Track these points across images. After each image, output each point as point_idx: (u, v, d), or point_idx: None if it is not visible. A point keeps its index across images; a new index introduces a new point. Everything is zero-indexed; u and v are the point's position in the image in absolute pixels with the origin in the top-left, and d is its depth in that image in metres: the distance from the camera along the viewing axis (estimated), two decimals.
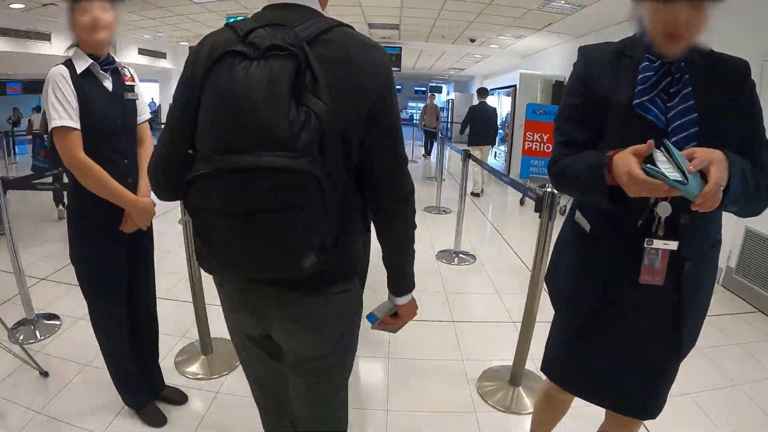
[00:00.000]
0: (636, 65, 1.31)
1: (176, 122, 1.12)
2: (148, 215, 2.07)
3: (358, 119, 1.08)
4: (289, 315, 1.22)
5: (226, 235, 1.02)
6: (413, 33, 10.82)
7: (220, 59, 1.02)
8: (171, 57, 13.24)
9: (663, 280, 1.32)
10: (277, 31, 1.03)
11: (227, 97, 0.99)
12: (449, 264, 4.94)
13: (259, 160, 0.95)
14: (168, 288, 3.84)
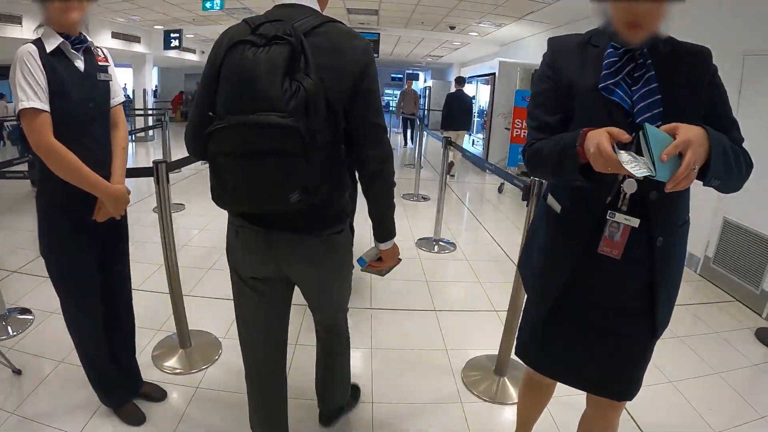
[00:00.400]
0: (601, 53, 1.37)
1: (205, 96, 1.45)
2: (123, 203, 1.97)
3: (342, 92, 1.42)
4: (296, 253, 1.58)
5: (234, 173, 1.35)
6: (392, 19, 10.71)
7: (234, 45, 1.35)
8: (145, 41, 12.82)
9: (620, 254, 1.35)
10: (281, 25, 1.35)
11: (237, 73, 1.33)
12: (429, 252, 4.92)
13: (258, 118, 1.28)
14: (143, 279, 3.74)
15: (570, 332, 1.53)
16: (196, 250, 4.52)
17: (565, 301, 1.51)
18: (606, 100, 1.33)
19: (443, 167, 4.96)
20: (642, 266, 1.39)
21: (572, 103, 1.40)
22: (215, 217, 5.51)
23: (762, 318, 3.84)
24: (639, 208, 1.32)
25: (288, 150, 1.30)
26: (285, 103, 1.28)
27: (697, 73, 1.34)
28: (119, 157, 2.00)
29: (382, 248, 1.72)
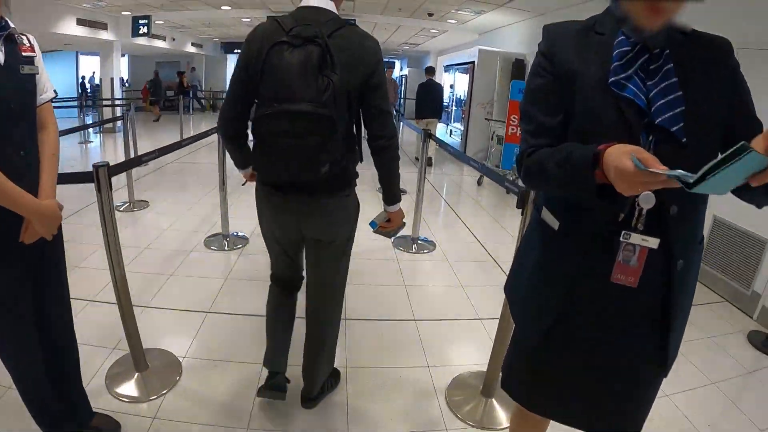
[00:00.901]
0: (607, 42, 1.19)
1: (242, 86, 1.81)
2: (54, 220, 1.64)
3: (357, 85, 1.76)
4: (315, 211, 1.91)
5: (278, 150, 1.67)
6: (369, 5, 10.43)
7: (275, 45, 1.65)
8: (113, 28, 12.29)
9: (637, 282, 1.17)
10: (310, 28, 1.66)
11: (280, 70, 1.63)
12: (407, 252, 4.66)
13: (299, 107, 1.60)
14: (98, 289, 3.39)
15: (565, 367, 1.35)
16: (159, 253, 4.20)
17: (559, 332, 1.32)
18: (616, 97, 1.13)
19: (422, 162, 4.72)
20: (655, 293, 1.22)
21: (573, 98, 1.20)
22: (181, 216, 5.22)
23: (753, 320, 3.74)
24: (656, 226, 1.13)
25: (321, 132, 1.65)
26: (320, 96, 1.62)
27: (717, 68, 1.17)
28: (48, 167, 1.67)
29: (390, 210, 2.14)
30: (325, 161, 1.69)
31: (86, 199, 4.97)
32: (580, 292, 1.26)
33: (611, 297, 1.22)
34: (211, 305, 3.29)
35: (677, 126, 1.09)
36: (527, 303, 1.43)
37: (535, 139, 1.25)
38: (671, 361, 1.30)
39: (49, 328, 1.83)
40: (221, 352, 2.78)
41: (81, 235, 4.37)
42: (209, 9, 11.43)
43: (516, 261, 1.56)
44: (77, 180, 2.28)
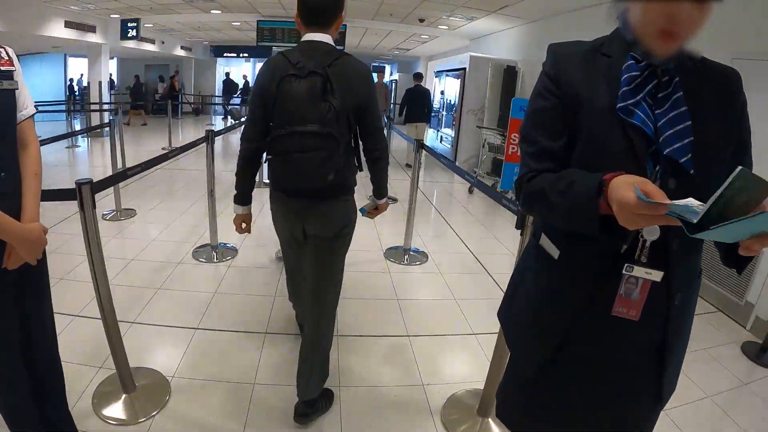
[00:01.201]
0: (614, 65, 1.14)
1: (261, 111, 2.08)
2: (38, 245, 1.55)
3: (353, 107, 2.04)
4: (318, 211, 2.17)
5: (292, 163, 1.95)
6: (360, 11, 10.37)
7: (284, 78, 1.95)
8: (101, 30, 12.10)
9: (639, 315, 1.14)
10: (311, 59, 1.97)
11: (290, 97, 1.94)
12: (399, 264, 4.59)
13: (306, 127, 1.91)
14: (81, 304, 3.27)
15: (561, 398, 1.30)
16: (146, 265, 4.10)
17: (556, 364, 1.28)
18: (623, 124, 1.09)
19: (415, 173, 4.66)
20: (653, 325, 1.18)
21: (578, 123, 1.15)
22: (169, 225, 5.13)
23: (746, 330, 3.75)
24: (658, 259, 1.10)
25: (327, 148, 1.94)
26: (324, 118, 1.92)
27: (726, 100, 1.14)
28: (31, 188, 1.58)
29: (380, 203, 2.61)
30: (329, 170, 1.98)
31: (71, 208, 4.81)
32: (579, 324, 1.22)
33: (610, 330, 1.19)
34: (200, 321, 3.21)
35: (686, 157, 1.05)
36: (524, 332, 1.38)
37: (536, 163, 1.20)
38: (667, 392, 1.27)
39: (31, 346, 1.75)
40: (211, 371, 2.70)
41: (66, 246, 4.28)
42: (199, 13, 11.32)
43: (511, 287, 1.50)
44: (60, 197, 2.20)
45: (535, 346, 1.32)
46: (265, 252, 4.58)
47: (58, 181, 6.31)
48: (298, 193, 2.13)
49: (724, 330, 3.70)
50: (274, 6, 10.51)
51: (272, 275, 4.03)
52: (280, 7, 10.55)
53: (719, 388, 2.94)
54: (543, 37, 8.82)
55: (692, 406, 2.71)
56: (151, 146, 10.40)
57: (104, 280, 2.27)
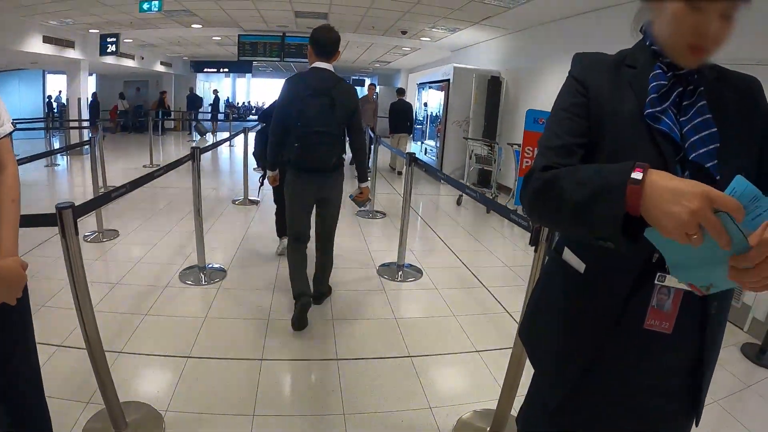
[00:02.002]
0: (640, 75, 1.13)
1: (285, 117, 3.18)
2: (17, 284, 1.35)
3: (346, 117, 3.26)
4: (329, 182, 3.36)
5: (311, 152, 3.16)
6: (342, 23, 10.31)
7: (306, 96, 3.10)
8: (80, 46, 11.91)
9: (671, 327, 1.09)
10: (321, 82, 3.14)
11: (309, 110, 3.10)
12: (393, 281, 4.48)
13: (323, 129, 3.13)
14: (65, 332, 3.08)
15: (590, 418, 1.23)
16: (131, 289, 3.90)
17: (584, 382, 1.20)
18: (651, 130, 1.07)
19: (408, 187, 4.55)
20: (688, 338, 1.12)
21: (602, 133, 1.12)
22: (153, 247, 4.94)
23: (744, 332, 3.79)
24: None
25: (332, 143, 3.19)
26: (330, 123, 3.12)
27: (749, 107, 1.13)
28: (7, 217, 1.41)
29: (362, 186, 3.61)
30: (334, 157, 3.30)
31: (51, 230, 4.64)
32: (610, 342, 1.15)
33: (643, 349, 1.13)
34: (191, 348, 3.03)
35: (712, 162, 1.03)
36: (550, 353, 1.29)
37: (555, 157, 1.10)
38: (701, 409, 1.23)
39: (15, 403, 1.59)
40: (206, 403, 2.52)
41: (47, 270, 4.08)
42: (180, 27, 11.19)
43: (532, 304, 1.43)
44: (38, 223, 2.04)
45: (563, 367, 1.25)
46: (255, 273, 4.43)
47: (37, 202, 6.10)
48: (316, 170, 3.30)
49: None
50: (255, 20, 10.43)
51: (264, 297, 3.88)
52: (262, 21, 10.47)
53: (723, 392, 2.93)
54: (526, 47, 8.84)
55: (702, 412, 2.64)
56: (131, 164, 10.17)
57: (89, 309, 2.11)
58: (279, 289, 4.05)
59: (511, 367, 2.33)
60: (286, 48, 12.02)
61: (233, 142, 13.51)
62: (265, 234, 5.72)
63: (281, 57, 12.15)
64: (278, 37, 11.89)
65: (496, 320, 3.77)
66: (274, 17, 10.15)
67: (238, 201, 7.26)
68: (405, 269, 4.69)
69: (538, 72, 8.30)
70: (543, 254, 2.07)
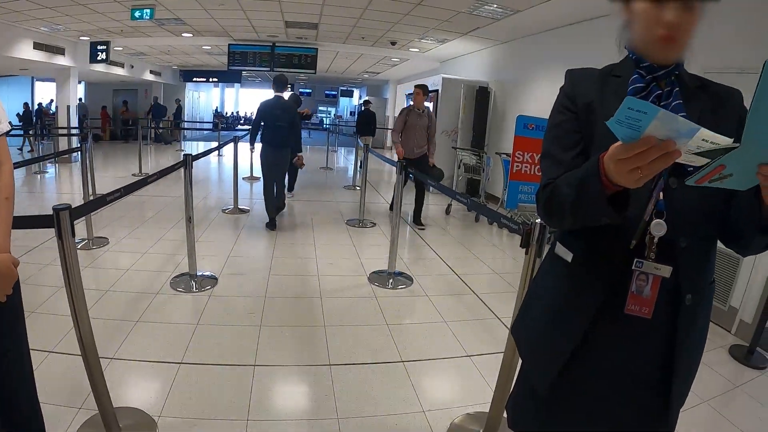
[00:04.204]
0: (624, 83, 1.24)
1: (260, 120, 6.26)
2: (8, 279, 1.39)
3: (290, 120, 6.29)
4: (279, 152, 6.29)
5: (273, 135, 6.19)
6: (332, 34, 10.39)
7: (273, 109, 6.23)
8: (70, 53, 11.83)
9: (651, 312, 1.15)
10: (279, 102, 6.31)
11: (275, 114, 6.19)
12: (384, 288, 4.50)
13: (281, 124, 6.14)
14: (57, 338, 3.08)
15: (576, 405, 1.29)
16: (123, 296, 3.89)
17: (570, 368, 1.27)
18: None
19: (398, 196, 4.58)
20: (664, 328, 1.19)
21: (592, 133, 1.23)
22: (144, 254, 4.93)
23: (732, 334, 3.87)
24: (667, 259, 1.14)
25: (287, 131, 6.18)
26: (286, 121, 6.15)
27: (724, 113, 1.20)
28: (1, 215, 1.44)
29: (299, 155, 6.83)
30: (286, 139, 6.19)
31: (39, 236, 4.68)
32: (594, 328, 1.22)
33: (621, 331, 1.20)
34: (183, 355, 3.02)
35: None
36: (538, 344, 1.38)
37: (553, 172, 1.25)
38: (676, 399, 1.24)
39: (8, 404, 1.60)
40: (200, 409, 2.52)
41: (39, 276, 4.08)
42: (170, 36, 11.19)
43: (525, 301, 1.51)
44: (35, 224, 2.04)
45: (549, 356, 1.31)
46: (245, 280, 4.43)
47: (27, 209, 6.06)
48: (274, 145, 6.07)
49: (710, 335, 3.66)
50: (246, 30, 10.45)
51: (256, 304, 3.88)
52: (252, 30, 10.49)
53: (713, 392, 2.99)
54: (514, 57, 8.93)
55: (690, 412, 2.66)
56: (120, 172, 10.11)
57: (84, 312, 2.12)
58: (270, 296, 4.06)
59: (502, 370, 2.35)
60: (276, 58, 12.06)
61: (222, 152, 13.49)
62: (255, 242, 5.75)
63: (271, 67, 12.18)
64: (268, 47, 11.93)
65: (486, 325, 3.80)
66: (265, 27, 10.19)
67: (228, 210, 7.26)
68: (396, 277, 4.71)
69: (525, 82, 8.40)
70: (534, 256, 2.11)
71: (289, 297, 4.13)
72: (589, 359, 1.25)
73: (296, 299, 4.10)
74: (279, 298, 4.04)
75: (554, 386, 1.30)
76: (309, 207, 8.09)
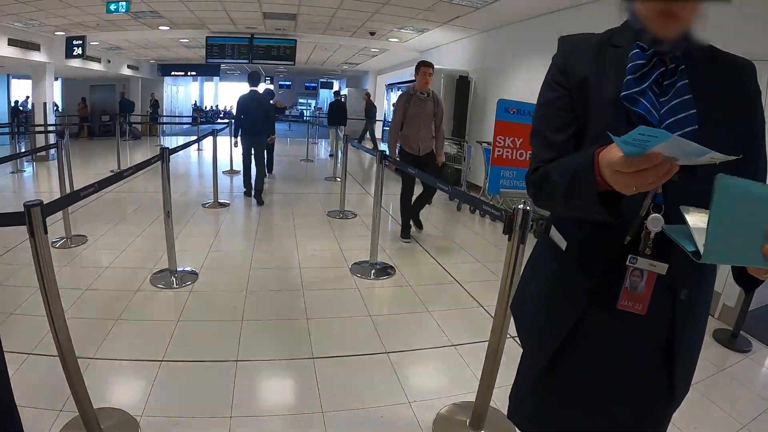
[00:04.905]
0: (623, 55, 1.13)
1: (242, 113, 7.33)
2: None
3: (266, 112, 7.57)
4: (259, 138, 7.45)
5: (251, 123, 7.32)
6: (310, 25, 10.30)
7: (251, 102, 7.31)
8: (45, 49, 11.58)
9: (645, 308, 1.11)
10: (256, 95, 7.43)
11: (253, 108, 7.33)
12: (366, 279, 4.49)
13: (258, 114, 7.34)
14: (35, 340, 3.00)
15: (572, 394, 1.25)
16: (102, 294, 3.82)
17: (566, 355, 1.23)
18: (628, 112, 1.08)
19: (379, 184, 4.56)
20: (660, 320, 1.14)
21: (586, 112, 1.16)
22: (123, 251, 4.86)
23: (715, 318, 3.89)
24: (662, 253, 1.07)
25: (263, 121, 7.39)
26: (263, 112, 7.36)
27: (735, 88, 1.12)
28: None
29: (272, 136, 7.97)
30: (265, 128, 7.45)
31: (14, 237, 4.55)
32: (587, 318, 1.18)
33: (618, 326, 1.15)
34: (164, 352, 2.98)
35: None
36: (536, 320, 1.34)
37: (543, 155, 1.20)
38: (680, 388, 1.23)
39: None
40: (182, 407, 2.49)
41: (17, 277, 4.00)
42: (147, 29, 11.01)
43: (523, 279, 1.48)
44: (6, 222, 1.99)
45: (547, 333, 1.27)
46: (226, 275, 4.40)
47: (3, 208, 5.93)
48: (252, 133, 7.27)
49: None
50: (223, 22, 10.32)
51: (237, 298, 3.85)
52: (230, 22, 10.37)
53: (699, 376, 2.97)
54: (494, 46, 8.92)
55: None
56: (99, 169, 9.93)
57: (59, 311, 2.07)
58: (251, 291, 4.03)
59: (488, 359, 2.35)
60: (255, 50, 11.94)
61: (201, 146, 13.35)
62: (235, 236, 5.73)
63: (249, 59, 12.06)
64: (246, 39, 11.80)
65: (470, 314, 3.81)
66: (243, 19, 10.08)
67: (208, 204, 7.19)
68: (378, 267, 4.70)
69: (506, 71, 8.40)
70: (517, 242, 2.10)
71: (270, 290, 4.11)
72: (582, 347, 1.21)
73: (278, 292, 4.07)
74: (261, 292, 4.00)
75: (551, 371, 1.27)
76: (290, 199, 8.06)
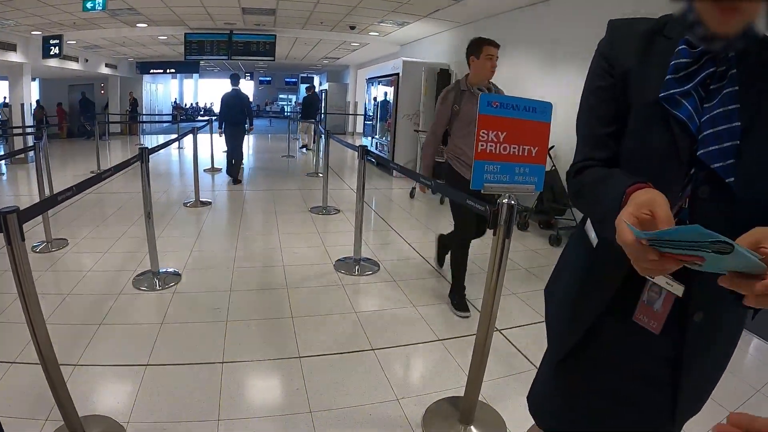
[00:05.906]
0: (672, 49, 1.00)
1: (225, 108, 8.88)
2: None
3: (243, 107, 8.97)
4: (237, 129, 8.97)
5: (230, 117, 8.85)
6: (290, 19, 10.25)
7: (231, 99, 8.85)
8: (22, 49, 11.46)
9: (659, 328, 1.05)
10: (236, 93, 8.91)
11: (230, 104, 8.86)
12: (350, 275, 4.48)
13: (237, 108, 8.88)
14: (18, 348, 2.94)
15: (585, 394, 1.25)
16: (84, 299, 3.76)
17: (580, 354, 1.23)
18: (668, 115, 0.98)
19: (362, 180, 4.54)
20: (671, 338, 1.08)
21: (629, 108, 1.07)
22: (104, 254, 4.80)
23: None
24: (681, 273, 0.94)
25: (240, 114, 8.86)
26: (239, 107, 8.83)
27: None
28: None
29: (251, 126, 9.27)
30: (242, 120, 8.88)
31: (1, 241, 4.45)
32: (602, 323, 1.17)
33: (630, 337, 1.12)
34: (149, 356, 2.94)
35: (721, 163, 0.92)
36: (564, 307, 1.31)
37: (588, 150, 1.16)
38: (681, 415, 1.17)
39: None
40: (169, 412, 2.46)
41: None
42: (124, 27, 10.87)
43: (559, 263, 1.42)
44: None
45: (566, 330, 1.27)
46: (210, 275, 4.37)
47: None
48: (232, 124, 8.78)
49: None
50: (202, 18, 10.22)
51: (221, 298, 3.82)
52: (209, 18, 10.27)
53: None
54: None
55: None
56: (78, 170, 9.79)
57: (40, 321, 2.03)
58: (235, 290, 4.01)
59: (475, 353, 2.35)
60: (234, 46, 11.86)
61: (182, 144, 13.22)
62: (218, 235, 5.70)
63: (229, 55, 11.97)
64: (225, 35, 11.71)
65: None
66: (221, 14, 10.00)
67: (190, 203, 7.13)
68: (362, 263, 4.70)
69: None
70: (503, 237, 2.10)
71: (254, 289, 4.08)
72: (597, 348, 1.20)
73: (262, 291, 4.05)
74: (244, 291, 3.98)
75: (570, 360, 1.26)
76: (272, 196, 8.02)
